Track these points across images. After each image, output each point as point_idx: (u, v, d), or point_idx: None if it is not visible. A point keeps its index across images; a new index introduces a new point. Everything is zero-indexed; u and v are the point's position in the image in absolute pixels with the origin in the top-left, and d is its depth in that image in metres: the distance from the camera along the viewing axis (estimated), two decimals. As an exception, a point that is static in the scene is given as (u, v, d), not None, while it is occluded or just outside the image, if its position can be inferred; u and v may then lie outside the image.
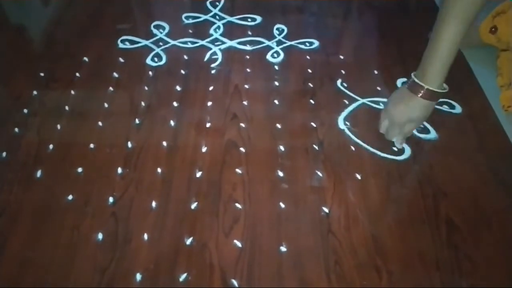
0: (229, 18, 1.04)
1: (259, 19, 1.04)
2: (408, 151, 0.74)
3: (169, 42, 0.97)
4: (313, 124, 0.79)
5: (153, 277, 0.58)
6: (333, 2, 1.11)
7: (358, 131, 0.78)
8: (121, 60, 0.92)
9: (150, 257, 0.60)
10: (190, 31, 1.00)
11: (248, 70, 0.90)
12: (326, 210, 0.66)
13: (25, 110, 0.81)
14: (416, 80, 0.66)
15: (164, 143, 0.75)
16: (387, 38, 0.99)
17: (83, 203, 0.66)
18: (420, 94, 0.66)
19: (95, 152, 0.74)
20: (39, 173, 0.70)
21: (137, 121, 0.79)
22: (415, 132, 0.77)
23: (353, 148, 0.75)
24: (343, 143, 0.76)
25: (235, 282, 0.58)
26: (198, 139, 0.76)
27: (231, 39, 0.97)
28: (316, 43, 0.97)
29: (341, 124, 0.79)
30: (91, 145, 0.75)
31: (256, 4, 1.08)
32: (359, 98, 0.84)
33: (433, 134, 0.78)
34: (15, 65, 0.91)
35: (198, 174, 0.71)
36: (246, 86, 0.87)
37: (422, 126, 0.76)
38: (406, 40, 0.98)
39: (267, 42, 0.97)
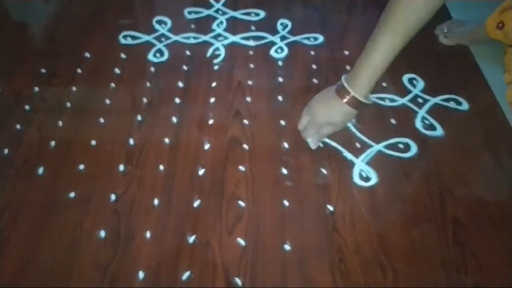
0: (232, 13, 1.03)
1: (262, 14, 1.02)
2: (414, 149, 0.74)
3: (171, 38, 0.96)
4: (317, 120, 0.78)
5: (156, 275, 0.58)
6: (337, -4, 1.10)
7: (363, 127, 0.77)
8: (123, 56, 0.91)
9: (153, 255, 0.60)
10: (193, 26, 0.99)
11: (252, 66, 0.90)
12: (331, 208, 0.66)
13: (27, 107, 0.80)
14: (345, 84, 0.64)
15: (166, 140, 0.75)
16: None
17: (85, 200, 0.66)
18: (345, 100, 0.64)
19: (97, 149, 0.73)
20: (40, 170, 0.70)
21: (139, 117, 0.78)
22: (421, 129, 0.76)
23: (358, 145, 0.74)
24: (348, 140, 0.75)
25: (238, 281, 0.57)
26: (201, 136, 0.76)
27: (234, 35, 0.96)
28: (320, 38, 0.96)
29: (345, 121, 0.78)
30: (93, 142, 0.74)
31: (259, -2, 1.07)
32: (363, 94, 0.83)
33: (439, 131, 0.77)
34: (16, 61, 0.90)
35: (201, 172, 0.70)
36: (250, 82, 0.86)
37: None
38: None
39: (270, 38, 0.96)
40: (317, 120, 0.68)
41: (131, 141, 0.74)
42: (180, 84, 0.85)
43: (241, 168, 0.71)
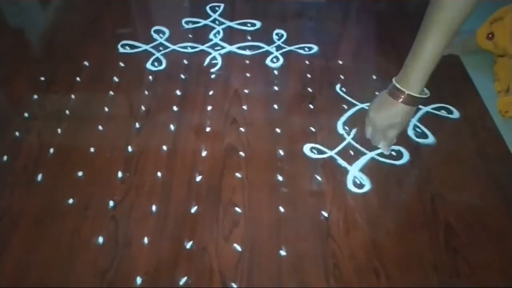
0: (228, 23, 1.04)
1: (258, 24, 1.04)
2: (406, 156, 0.75)
3: (169, 47, 0.97)
4: (312, 128, 0.80)
5: (153, 281, 0.59)
6: (332, 7, 1.12)
7: (357, 136, 0.78)
8: (121, 64, 0.93)
9: (150, 261, 0.60)
10: (190, 36, 1.01)
11: (248, 74, 0.91)
12: (325, 214, 0.67)
13: (26, 114, 0.81)
14: (398, 86, 0.66)
15: (164, 147, 0.76)
16: (386, 43, 1.00)
17: (83, 207, 0.66)
18: (401, 100, 0.66)
19: (96, 156, 0.74)
20: (39, 177, 0.70)
21: (137, 125, 0.80)
22: (413, 137, 0.78)
23: (351, 153, 0.76)
24: (341, 148, 0.76)
25: (234, 286, 0.58)
26: (198, 143, 0.77)
27: (230, 44, 0.98)
28: (315, 48, 0.98)
29: (340, 129, 0.80)
30: (92, 149, 0.75)
31: (255, 9, 1.09)
32: (358, 103, 0.85)
33: (431, 139, 0.78)
34: (15, 69, 0.91)
35: (198, 178, 0.71)
36: (246, 91, 0.87)
37: (413, 131, 0.76)
38: (405, 45, 0.98)
39: (266, 47, 0.98)
40: (379, 126, 0.70)
41: (130, 148, 0.75)
42: (178, 92, 0.87)
43: (238, 175, 0.72)
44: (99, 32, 1.02)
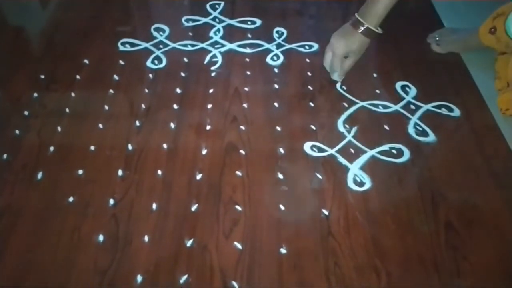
0: (229, 21, 1.04)
1: (258, 22, 1.04)
2: (407, 154, 0.75)
3: (169, 45, 0.97)
4: (312, 126, 0.80)
5: (154, 279, 0.59)
6: (332, 4, 1.12)
7: (357, 134, 0.78)
8: (121, 62, 0.92)
9: (151, 259, 0.60)
10: (190, 33, 1.01)
11: (248, 73, 0.91)
12: (326, 212, 0.67)
13: (26, 112, 0.81)
14: (359, 18, 0.77)
15: (165, 146, 0.76)
16: (386, 42, 1.00)
17: (83, 205, 0.66)
18: (360, 30, 0.77)
19: (96, 154, 0.74)
20: (39, 175, 0.70)
21: (137, 123, 0.79)
22: (414, 135, 0.78)
23: (352, 151, 0.76)
24: (342, 146, 0.76)
25: (235, 284, 0.58)
26: (198, 141, 0.77)
27: (231, 42, 0.98)
28: (315, 46, 0.97)
29: (340, 127, 0.80)
30: (92, 147, 0.75)
31: (255, 7, 1.09)
32: (358, 101, 0.85)
33: (431, 137, 0.78)
34: (15, 67, 0.91)
35: (198, 176, 0.71)
36: (246, 89, 0.87)
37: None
38: (404, 43, 0.99)
39: (266, 45, 0.98)
40: (339, 51, 0.80)
41: (130, 147, 0.75)
42: (178, 90, 0.86)
43: (238, 173, 0.72)
44: (99, 30, 1.02)
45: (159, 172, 0.71)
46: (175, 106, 0.83)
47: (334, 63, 0.83)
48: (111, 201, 0.67)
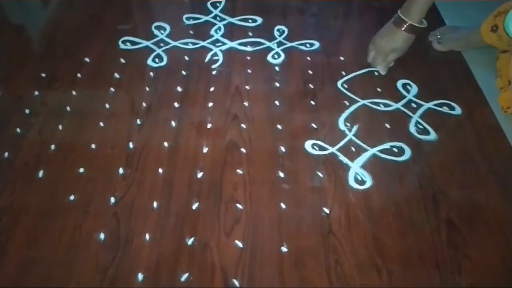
0: (229, 19, 1.04)
1: (259, 20, 1.04)
2: (408, 152, 0.75)
3: (170, 43, 0.97)
4: (313, 125, 0.80)
5: (155, 277, 0.59)
6: (333, 3, 1.11)
7: (358, 132, 0.78)
8: (122, 61, 0.92)
9: (152, 257, 0.61)
10: (191, 32, 1.00)
11: (249, 71, 0.91)
12: (327, 210, 0.67)
13: (27, 111, 0.81)
14: (402, 16, 0.80)
15: (165, 144, 0.76)
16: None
17: (85, 203, 0.67)
18: (403, 28, 0.80)
19: (97, 153, 0.74)
20: (41, 173, 0.70)
21: (138, 121, 0.79)
22: (415, 133, 0.78)
23: (353, 149, 0.76)
24: (343, 144, 0.76)
25: (236, 282, 0.58)
26: (199, 139, 0.77)
27: (231, 40, 0.98)
28: (316, 44, 0.97)
29: (341, 125, 0.80)
30: (93, 146, 0.75)
31: (256, 5, 1.09)
32: (359, 99, 0.85)
33: (433, 136, 0.78)
34: (16, 66, 0.91)
35: (199, 175, 0.71)
36: (247, 87, 0.87)
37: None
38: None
39: (267, 43, 0.97)
40: (383, 49, 0.85)
41: (131, 145, 0.75)
42: (179, 89, 0.86)
43: (239, 171, 0.72)
44: (100, 29, 1.02)
45: (160, 170, 0.71)
46: (176, 105, 0.83)
47: (377, 60, 0.87)
48: (112, 200, 0.67)
